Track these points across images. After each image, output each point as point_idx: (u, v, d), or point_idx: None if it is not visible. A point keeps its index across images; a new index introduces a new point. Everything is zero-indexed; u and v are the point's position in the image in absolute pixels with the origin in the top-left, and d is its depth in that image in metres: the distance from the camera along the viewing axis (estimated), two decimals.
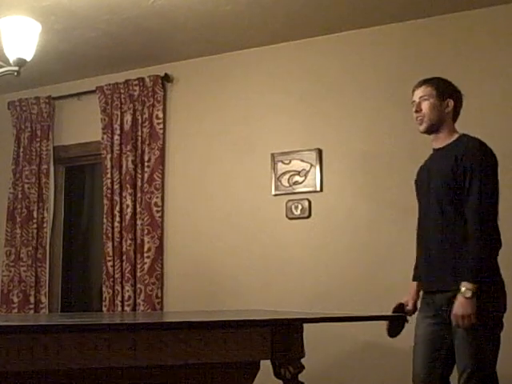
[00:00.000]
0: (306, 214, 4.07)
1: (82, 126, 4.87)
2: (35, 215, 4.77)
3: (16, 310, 4.70)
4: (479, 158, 2.55)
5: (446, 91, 2.70)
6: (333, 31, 4.10)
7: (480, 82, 3.72)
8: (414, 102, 2.76)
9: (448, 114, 2.70)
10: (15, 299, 4.72)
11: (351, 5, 3.73)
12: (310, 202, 4.07)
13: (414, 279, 2.82)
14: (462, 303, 2.43)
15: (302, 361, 2.36)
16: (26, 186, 4.84)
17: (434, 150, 2.76)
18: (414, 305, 2.77)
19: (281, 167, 4.17)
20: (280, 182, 4.17)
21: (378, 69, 4.00)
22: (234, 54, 4.42)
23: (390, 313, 2.76)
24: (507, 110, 3.66)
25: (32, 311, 4.66)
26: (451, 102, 2.70)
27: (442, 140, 2.70)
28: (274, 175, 4.19)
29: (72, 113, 4.91)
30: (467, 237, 2.49)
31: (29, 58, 3.29)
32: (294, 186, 4.12)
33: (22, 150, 4.93)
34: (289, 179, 4.14)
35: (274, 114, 4.27)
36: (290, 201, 4.12)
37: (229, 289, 4.21)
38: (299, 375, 2.34)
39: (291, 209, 4.11)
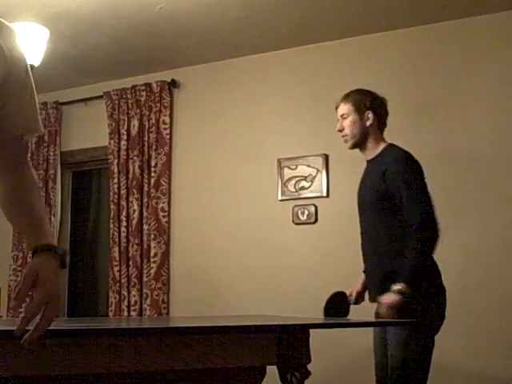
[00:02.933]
0: (313, 220, 4.06)
1: (89, 131, 4.89)
2: None
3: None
4: (401, 168, 2.59)
5: (364, 104, 2.72)
6: (339, 37, 4.10)
7: (486, 85, 3.72)
8: (338, 120, 2.80)
9: (371, 126, 2.72)
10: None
11: (358, 10, 3.73)
12: (316, 208, 4.07)
13: (363, 271, 2.91)
14: (386, 294, 2.50)
15: (309, 366, 2.35)
16: None
17: (367, 161, 2.81)
18: (358, 296, 2.86)
19: (287, 172, 4.17)
20: (286, 187, 4.17)
21: (385, 74, 4.00)
22: (241, 59, 4.43)
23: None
24: (508, 116, 3.67)
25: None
26: (371, 114, 2.72)
27: (370, 151, 2.76)
28: (280, 180, 4.19)
29: (79, 118, 4.93)
30: (396, 250, 2.56)
31: (36, 63, 3.31)
32: (301, 192, 4.12)
33: (29, 154, 4.94)
34: (295, 184, 4.14)
35: (280, 119, 4.27)
36: (296, 206, 4.11)
37: (235, 294, 4.21)
38: (305, 381, 2.33)
39: (297, 214, 4.11)
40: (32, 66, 3.29)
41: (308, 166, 4.12)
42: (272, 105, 4.31)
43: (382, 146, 2.72)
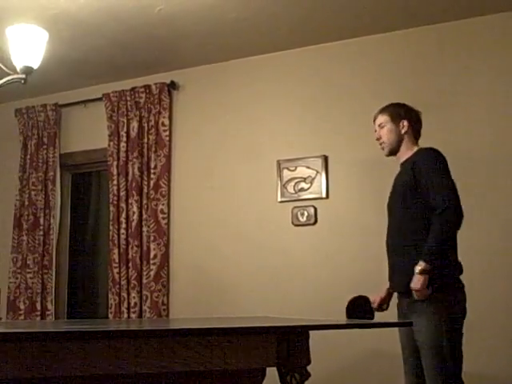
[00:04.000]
0: (312, 221, 4.07)
1: (88, 133, 4.89)
2: (42, 222, 4.78)
3: (22, 317, 4.70)
4: (428, 158, 2.80)
5: (399, 114, 2.98)
6: (339, 38, 4.10)
7: (486, 86, 3.72)
8: (375, 130, 3.05)
9: (405, 134, 2.97)
10: (22, 306, 4.73)
11: (358, 11, 3.74)
12: (315, 209, 4.07)
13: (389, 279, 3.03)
14: (413, 278, 2.67)
15: (308, 368, 2.35)
16: (33, 192, 4.85)
17: (400, 164, 3.01)
18: (381, 302, 3.01)
19: (286, 174, 4.18)
20: (286, 188, 4.17)
21: (385, 75, 4.01)
22: (240, 61, 4.43)
23: (395, 319, 2.78)
24: (507, 116, 3.67)
25: (38, 318, 4.67)
26: (406, 122, 2.96)
27: (403, 155, 2.97)
28: (279, 182, 4.19)
29: (78, 120, 4.94)
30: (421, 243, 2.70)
31: (36, 65, 3.31)
32: (300, 193, 4.13)
33: (28, 157, 4.95)
34: (294, 186, 4.15)
35: (279, 120, 4.27)
36: (295, 207, 4.12)
37: (234, 296, 4.21)
38: (305, 382, 2.33)
39: (297, 216, 4.11)
40: (31, 69, 3.29)
41: (307, 167, 4.12)
42: (271, 106, 4.31)
43: (414, 149, 2.94)
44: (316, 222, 4.07)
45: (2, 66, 3.32)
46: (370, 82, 4.05)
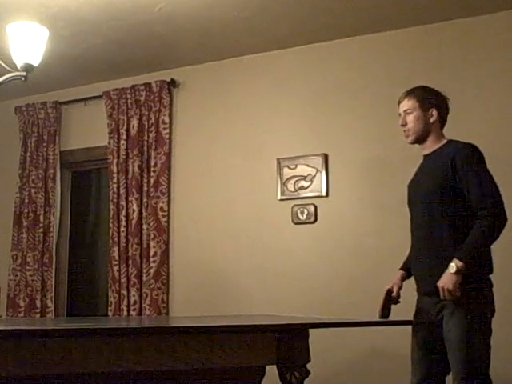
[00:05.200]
0: (312, 219, 4.07)
1: (88, 130, 4.89)
2: (42, 220, 4.78)
3: (22, 315, 4.70)
4: (470, 154, 2.62)
5: (428, 101, 2.75)
6: (338, 37, 4.10)
7: (485, 86, 3.72)
8: (400, 114, 2.81)
9: (434, 123, 2.74)
10: (21, 303, 4.73)
11: (357, 10, 3.73)
12: (315, 207, 4.07)
13: (401, 268, 2.87)
14: (445, 277, 2.50)
15: (308, 366, 2.35)
16: (33, 190, 4.85)
17: (423, 156, 2.83)
18: (398, 291, 2.79)
19: (286, 172, 4.18)
20: (286, 186, 4.17)
21: (385, 74, 4.00)
22: (240, 59, 4.43)
23: (395, 318, 2.77)
24: (507, 116, 3.67)
25: (38, 315, 4.67)
26: (435, 112, 2.74)
27: (429, 147, 2.78)
28: (279, 180, 4.19)
29: (79, 118, 4.93)
30: (459, 238, 2.55)
31: (36, 63, 3.31)
32: (300, 191, 4.13)
33: (28, 154, 4.95)
34: (294, 184, 4.15)
35: (279, 119, 4.27)
36: (295, 206, 4.12)
37: (234, 294, 4.21)
38: (305, 380, 2.33)
39: (297, 214, 4.11)
40: (32, 66, 3.29)
41: (307, 165, 4.12)
42: (271, 104, 4.31)
43: (442, 141, 2.74)
44: (316, 220, 4.07)
45: (3, 64, 3.32)
46: (371, 80, 4.05)
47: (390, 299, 2.78)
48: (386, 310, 2.76)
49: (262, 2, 3.62)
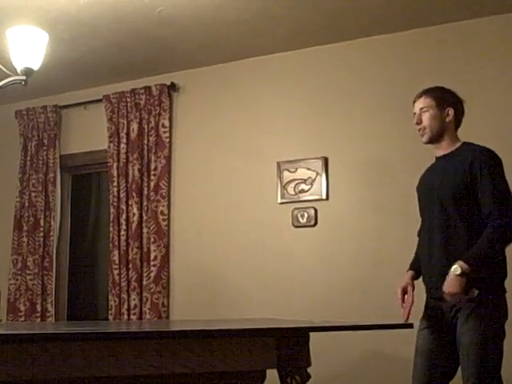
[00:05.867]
0: (312, 223, 4.07)
1: (88, 134, 4.89)
2: (42, 223, 4.78)
3: (23, 319, 4.70)
4: (488, 161, 2.58)
5: (445, 101, 2.72)
6: (340, 39, 4.10)
7: (486, 87, 3.72)
8: (414, 113, 2.78)
9: (449, 123, 2.71)
10: (22, 308, 4.73)
11: (357, 13, 3.74)
12: (316, 211, 4.07)
13: (410, 269, 2.83)
14: (450, 280, 2.47)
15: (309, 370, 2.35)
16: (33, 194, 4.85)
17: (437, 157, 2.78)
18: (412, 291, 2.73)
19: (287, 175, 4.18)
20: (286, 190, 4.17)
21: (386, 77, 4.01)
22: (240, 62, 4.43)
23: (396, 321, 2.75)
24: (509, 118, 3.67)
25: (39, 320, 4.66)
26: (451, 111, 2.72)
27: (444, 148, 2.73)
28: (279, 183, 4.19)
29: (79, 121, 4.94)
30: (472, 243, 2.51)
31: (36, 67, 3.31)
32: (300, 195, 4.12)
33: (28, 158, 4.95)
34: (295, 187, 4.15)
35: (279, 122, 4.27)
36: (295, 209, 4.12)
37: (235, 297, 4.21)
38: None
39: (297, 217, 4.11)
40: (32, 70, 3.29)
41: (308, 168, 4.12)
42: (271, 108, 4.31)
43: (458, 143, 2.71)
44: (316, 223, 4.07)
45: (3, 68, 3.32)
46: (370, 83, 4.05)
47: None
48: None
49: (262, 4, 3.63)
